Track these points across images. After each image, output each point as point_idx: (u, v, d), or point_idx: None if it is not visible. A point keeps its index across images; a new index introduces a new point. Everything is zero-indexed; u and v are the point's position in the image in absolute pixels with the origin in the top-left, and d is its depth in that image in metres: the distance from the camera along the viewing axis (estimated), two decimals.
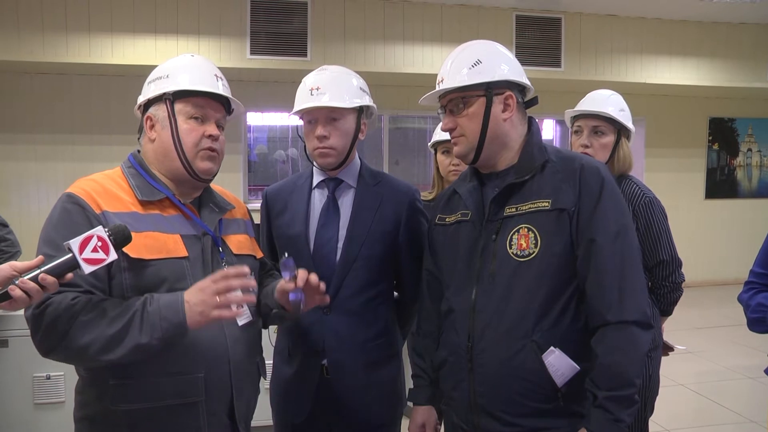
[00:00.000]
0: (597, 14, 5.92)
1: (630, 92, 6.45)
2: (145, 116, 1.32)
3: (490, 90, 1.30)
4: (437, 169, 2.47)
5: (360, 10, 5.42)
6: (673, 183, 6.85)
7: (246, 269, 1.18)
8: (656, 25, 6.09)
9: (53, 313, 1.10)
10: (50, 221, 1.20)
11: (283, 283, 1.33)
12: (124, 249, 1.15)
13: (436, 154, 2.46)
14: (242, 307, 1.30)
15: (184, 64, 1.34)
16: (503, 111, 1.32)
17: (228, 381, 1.27)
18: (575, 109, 2.12)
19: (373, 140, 6.26)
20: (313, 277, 1.32)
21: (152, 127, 1.31)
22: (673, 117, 6.85)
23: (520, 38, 5.65)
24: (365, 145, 6.15)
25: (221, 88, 1.34)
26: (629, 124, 2.13)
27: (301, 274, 1.30)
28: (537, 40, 5.73)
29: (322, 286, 1.34)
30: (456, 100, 1.33)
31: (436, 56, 5.55)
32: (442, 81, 1.35)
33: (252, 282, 1.19)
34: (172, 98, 1.29)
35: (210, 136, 1.30)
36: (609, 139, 2.07)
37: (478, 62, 1.31)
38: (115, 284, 1.18)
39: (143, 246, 1.19)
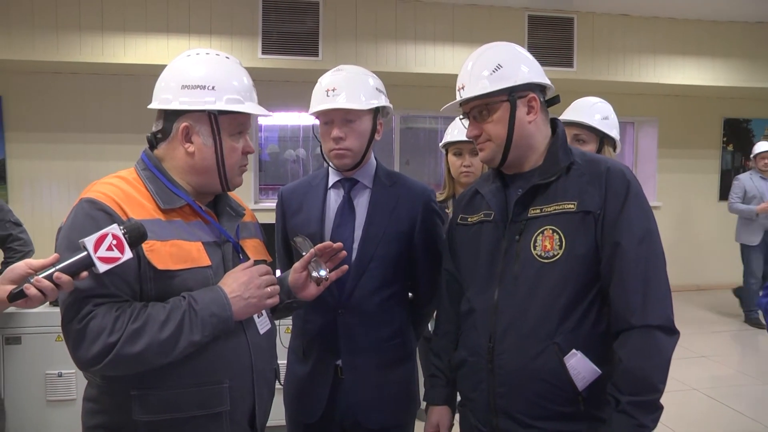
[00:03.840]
0: (610, 14, 5.84)
1: (643, 92, 6.50)
2: (182, 125, 1.22)
3: (513, 94, 1.29)
4: (448, 170, 2.46)
5: (372, 10, 5.38)
6: (687, 184, 6.77)
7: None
8: (670, 24, 6.01)
9: (99, 326, 1.08)
10: (73, 228, 1.13)
11: (300, 264, 1.40)
12: (151, 260, 1.14)
13: (447, 155, 2.45)
14: (262, 315, 1.32)
15: (227, 74, 1.25)
16: (528, 113, 1.31)
17: (251, 389, 1.27)
18: (560, 117, 2.16)
19: (384, 140, 6.24)
20: (337, 244, 1.41)
21: (187, 135, 1.23)
22: (687, 118, 6.77)
23: (532, 38, 5.60)
24: (376, 145, 6.13)
25: (257, 101, 1.31)
26: (612, 133, 2.16)
27: (319, 245, 1.41)
28: (549, 40, 5.68)
29: (342, 252, 1.41)
30: (479, 107, 1.33)
31: (448, 56, 5.52)
32: (462, 88, 1.34)
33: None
34: (216, 113, 1.22)
35: (247, 152, 1.30)
36: (590, 147, 2.11)
37: (499, 67, 1.30)
38: (143, 293, 1.16)
39: (168, 255, 1.16)
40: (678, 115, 6.73)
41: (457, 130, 2.37)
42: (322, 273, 1.38)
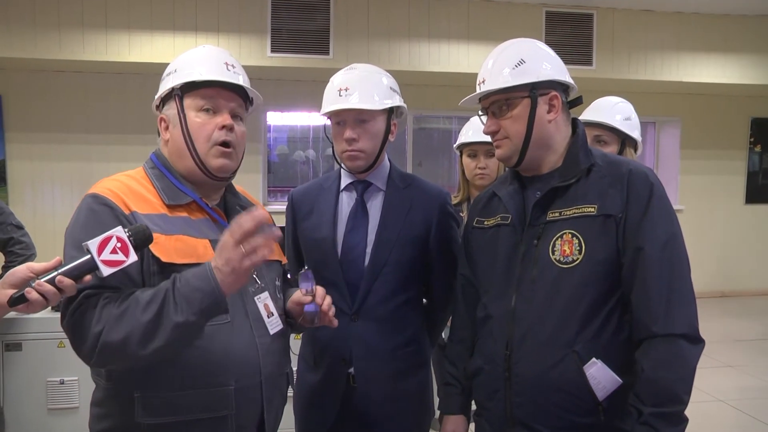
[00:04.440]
0: (631, 9, 5.75)
1: (665, 91, 6.35)
2: (159, 117, 1.29)
3: (534, 91, 1.27)
4: (462, 172, 2.45)
5: (384, 7, 5.35)
6: (711, 186, 6.68)
7: (262, 214, 1.07)
8: (695, 20, 5.89)
9: (88, 317, 1.07)
10: (76, 223, 1.15)
11: (300, 295, 1.31)
12: (155, 253, 1.13)
13: (461, 156, 2.42)
14: (273, 315, 1.28)
15: (193, 55, 1.30)
16: (548, 112, 1.29)
17: (259, 393, 1.23)
18: (580, 117, 2.11)
19: (397, 141, 6.15)
20: (327, 302, 1.32)
21: (166, 128, 1.28)
22: (712, 117, 6.66)
23: (550, 35, 5.53)
24: (388, 146, 6.08)
25: (231, 76, 1.27)
26: (634, 134, 2.14)
27: (320, 290, 1.31)
28: (568, 37, 5.61)
29: (332, 312, 1.33)
30: (499, 102, 1.30)
31: (462, 54, 5.47)
32: (483, 82, 1.32)
33: (265, 222, 1.07)
34: (180, 93, 1.24)
35: (223, 126, 1.24)
36: (611, 149, 2.09)
37: (522, 62, 1.28)
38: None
39: (174, 250, 1.15)
40: (702, 115, 6.63)
41: (472, 131, 2.35)
42: (315, 319, 1.32)
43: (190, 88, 1.24)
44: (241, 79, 1.28)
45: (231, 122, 1.25)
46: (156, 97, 1.30)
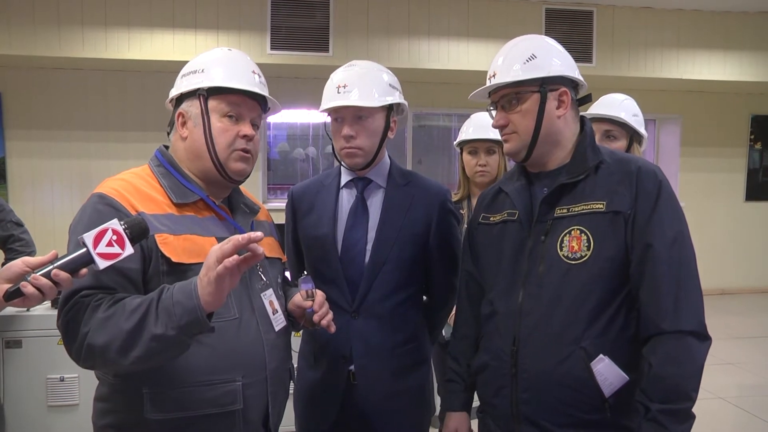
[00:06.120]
0: (631, 6, 5.73)
1: (665, 89, 6.34)
2: (177, 112, 1.29)
3: (544, 86, 1.27)
4: (463, 169, 2.44)
5: (384, 4, 5.33)
6: (711, 184, 6.66)
7: (259, 235, 1.03)
8: (695, 17, 5.87)
9: (79, 318, 1.07)
10: (80, 223, 1.14)
11: (300, 299, 1.34)
12: (165, 252, 1.14)
13: (461, 153, 2.41)
14: (277, 312, 1.30)
15: (220, 58, 1.30)
16: (558, 108, 1.29)
17: (265, 388, 1.25)
18: (588, 112, 2.13)
19: (396, 138, 6.16)
20: (323, 311, 1.33)
21: (184, 123, 1.28)
22: (712, 115, 6.65)
23: (550, 32, 5.51)
24: (387, 144, 6.08)
25: (258, 85, 1.30)
26: (642, 130, 2.17)
27: (319, 298, 1.34)
28: (567, 34, 5.58)
29: (327, 320, 1.35)
30: (509, 96, 1.31)
31: (462, 52, 5.45)
32: (494, 76, 1.33)
33: (255, 235, 1.02)
34: (206, 94, 1.25)
35: (245, 136, 1.27)
36: (621, 144, 2.10)
37: (533, 57, 1.28)
38: (151, 289, 1.12)
39: (182, 249, 1.16)
40: (702, 112, 6.61)
41: (473, 128, 2.34)
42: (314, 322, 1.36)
43: (216, 91, 1.25)
44: (266, 90, 1.32)
45: (253, 132, 1.28)
46: (176, 92, 1.30)
